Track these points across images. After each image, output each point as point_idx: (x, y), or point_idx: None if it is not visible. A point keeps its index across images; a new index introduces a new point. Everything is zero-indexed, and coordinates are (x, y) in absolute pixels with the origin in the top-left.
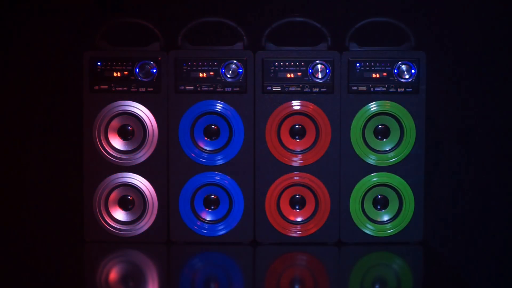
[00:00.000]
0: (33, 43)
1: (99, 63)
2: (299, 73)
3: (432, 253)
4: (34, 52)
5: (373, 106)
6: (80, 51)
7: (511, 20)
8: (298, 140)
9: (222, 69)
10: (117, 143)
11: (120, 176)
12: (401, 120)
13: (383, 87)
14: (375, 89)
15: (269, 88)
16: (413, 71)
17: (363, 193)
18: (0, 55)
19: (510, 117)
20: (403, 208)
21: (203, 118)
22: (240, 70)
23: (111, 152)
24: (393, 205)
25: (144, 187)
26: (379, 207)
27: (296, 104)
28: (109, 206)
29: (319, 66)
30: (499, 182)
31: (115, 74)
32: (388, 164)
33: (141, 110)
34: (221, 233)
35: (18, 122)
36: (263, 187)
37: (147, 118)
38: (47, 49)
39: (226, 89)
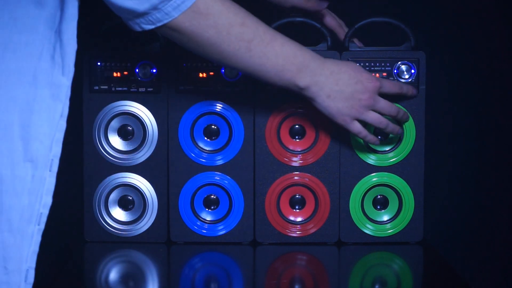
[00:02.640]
0: None
1: (99, 63)
2: None
3: (432, 253)
4: None
5: None
6: (80, 51)
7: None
8: (298, 140)
9: (222, 69)
10: (117, 143)
11: (120, 176)
12: None
13: None
14: None
15: (269, 88)
16: (413, 71)
17: (363, 193)
18: None
19: (510, 117)
20: (403, 208)
21: (203, 118)
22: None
23: (111, 152)
24: (393, 205)
25: (144, 187)
26: (379, 207)
27: (296, 104)
28: (109, 206)
29: None
30: (499, 182)
31: (115, 74)
32: (388, 164)
33: (141, 110)
34: (221, 233)
35: None
36: (263, 187)
37: (147, 118)
38: None
39: (226, 89)
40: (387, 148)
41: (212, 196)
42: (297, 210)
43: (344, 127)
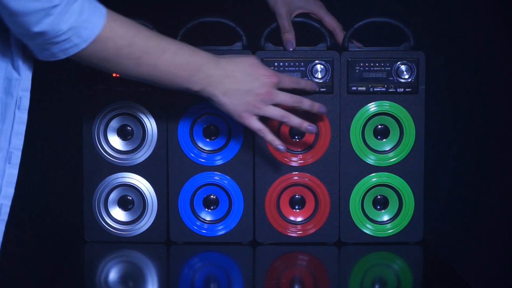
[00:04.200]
0: None
1: None
2: (298, 73)
3: (432, 253)
4: None
5: (372, 106)
6: None
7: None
8: (297, 140)
9: None
10: (116, 143)
11: (119, 176)
12: (400, 120)
13: (383, 87)
14: (375, 89)
15: None
16: (412, 71)
17: (363, 193)
18: None
19: (510, 117)
20: (403, 208)
21: (202, 118)
22: None
23: (111, 152)
24: (393, 205)
25: (144, 187)
26: (379, 207)
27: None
28: (109, 206)
29: (318, 66)
30: (499, 182)
31: (114, 74)
32: (387, 164)
33: (140, 110)
34: (220, 233)
35: None
36: (263, 187)
37: (147, 118)
38: None
39: None
40: (388, 148)
41: (212, 196)
42: (297, 210)
43: (244, 124)
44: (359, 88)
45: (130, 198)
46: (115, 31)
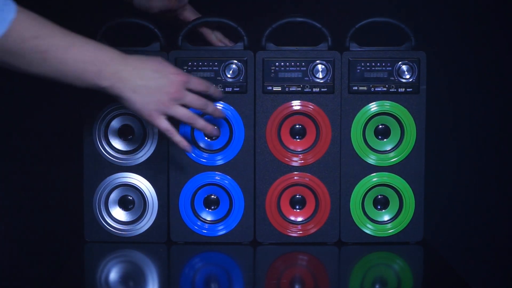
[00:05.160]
0: None
1: None
2: (299, 73)
3: (432, 253)
4: None
5: (373, 106)
6: None
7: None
8: (298, 140)
9: (222, 69)
10: (117, 143)
11: (120, 176)
12: (401, 120)
13: (384, 87)
14: (376, 89)
15: (270, 88)
16: (413, 71)
17: (364, 193)
18: None
19: (510, 117)
20: (404, 208)
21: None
22: (240, 70)
23: (111, 152)
24: (394, 205)
25: (144, 187)
26: (379, 207)
27: (296, 104)
28: (109, 206)
29: (319, 66)
30: (500, 182)
31: None
32: (388, 164)
33: None
34: (221, 233)
35: (18, 122)
36: (263, 187)
37: None
38: None
39: (226, 89)
40: (389, 148)
41: (213, 196)
42: (298, 210)
43: (152, 123)
44: (360, 88)
45: (131, 198)
46: (21, 19)
